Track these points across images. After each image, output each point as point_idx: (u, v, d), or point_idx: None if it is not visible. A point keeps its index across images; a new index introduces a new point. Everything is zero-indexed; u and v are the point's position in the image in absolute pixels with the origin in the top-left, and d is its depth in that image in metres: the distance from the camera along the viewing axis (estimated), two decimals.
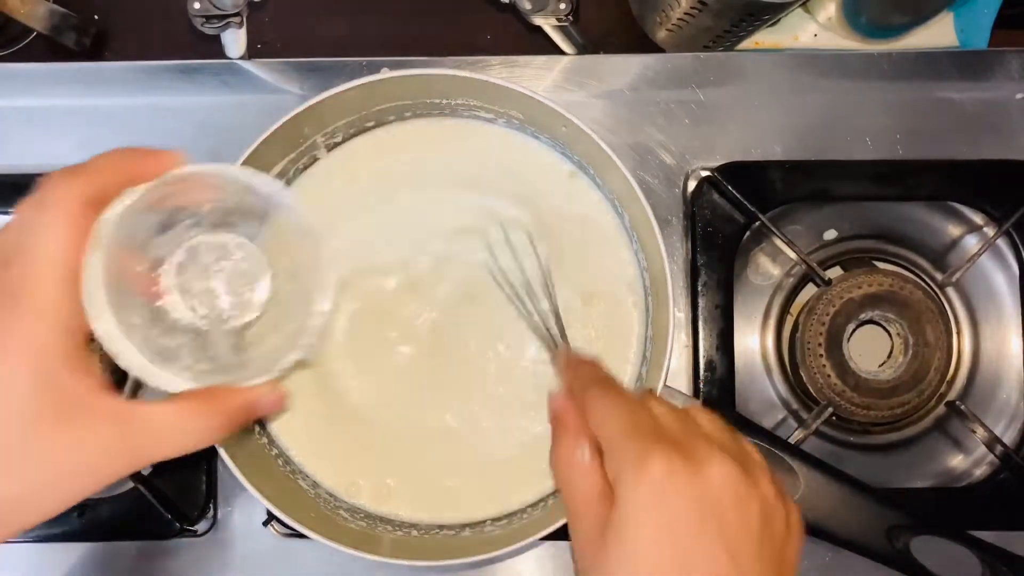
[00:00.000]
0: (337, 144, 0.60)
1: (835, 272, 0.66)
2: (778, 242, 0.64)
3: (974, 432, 0.63)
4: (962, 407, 0.63)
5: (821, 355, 0.62)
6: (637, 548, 0.36)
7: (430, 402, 0.59)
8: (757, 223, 0.63)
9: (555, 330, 0.55)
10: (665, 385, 0.53)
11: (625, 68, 0.66)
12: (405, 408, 0.59)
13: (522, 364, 0.59)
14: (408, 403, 0.59)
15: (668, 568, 0.36)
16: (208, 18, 0.59)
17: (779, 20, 0.69)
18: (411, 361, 0.59)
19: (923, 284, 0.64)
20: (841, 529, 0.52)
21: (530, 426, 0.59)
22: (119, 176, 0.40)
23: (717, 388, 0.62)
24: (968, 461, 0.66)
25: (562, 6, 0.59)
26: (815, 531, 0.53)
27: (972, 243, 0.66)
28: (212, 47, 0.65)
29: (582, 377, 0.44)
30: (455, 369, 0.59)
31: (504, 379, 0.59)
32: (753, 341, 0.66)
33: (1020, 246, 0.65)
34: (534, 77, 0.66)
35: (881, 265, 0.66)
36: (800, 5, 0.66)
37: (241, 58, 0.65)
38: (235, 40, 0.64)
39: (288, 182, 0.60)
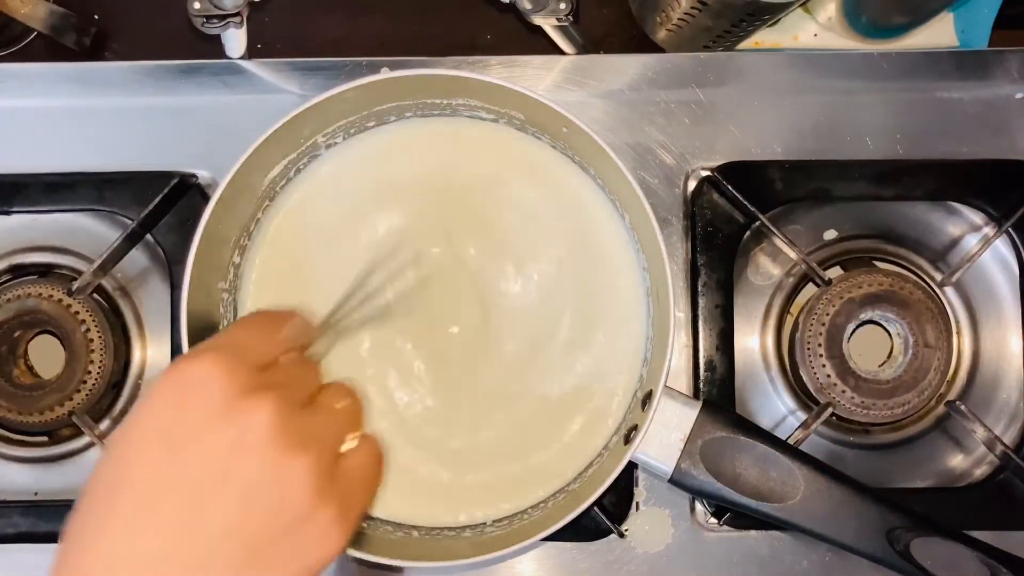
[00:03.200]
0: (337, 144, 0.60)
1: (835, 272, 0.66)
2: (778, 242, 0.64)
3: (974, 432, 0.63)
4: (962, 407, 0.63)
5: (821, 355, 0.62)
6: (129, 420, 0.36)
7: (431, 405, 0.59)
8: (757, 223, 0.63)
9: None
10: (665, 385, 0.53)
11: (625, 68, 0.66)
12: (406, 410, 0.59)
13: (521, 368, 0.59)
14: (409, 406, 0.59)
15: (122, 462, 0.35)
16: (208, 18, 0.59)
17: (779, 20, 0.69)
18: (411, 364, 0.59)
19: (923, 284, 0.64)
20: (841, 533, 0.52)
21: (530, 428, 0.59)
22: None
23: (717, 388, 0.62)
24: (968, 461, 0.66)
25: (562, 6, 0.59)
26: (814, 534, 0.53)
27: (972, 243, 0.66)
28: (212, 47, 0.65)
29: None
30: (455, 373, 0.59)
31: (503, 383, 0.60)
32: (753, 341, 0.66)
33: (1020, 246, 0.65)
34: (534, 77, 0.66)
35: (881, 265, 0.66)
36: (800, 5, 0.66)
37: (241, 58, 0.65)
38: (235, 40, 0.64)
39: (288, 182, 0.60)
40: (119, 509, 0.34)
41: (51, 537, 0.61)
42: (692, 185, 0.65)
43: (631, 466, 0.55)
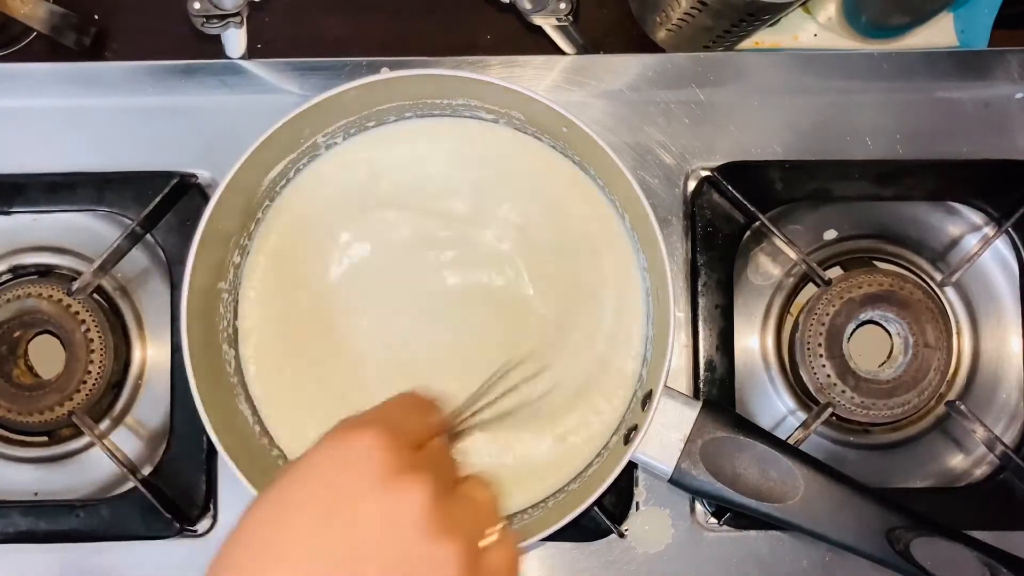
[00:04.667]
0: (337, 144, 0.60)
1: (835, 272, 0.66)
2: (778, 242, 0.64)
3: (974, 432, 0.63)
4: (962, 407, 0.63)
5: (821, 355, 0.62)
6: (272, 489, 0.36)
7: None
8: (757, 223, 0.63)
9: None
10: (665, 385, 0.53)
11: (625, 68, 0.66)
12: None
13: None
14: None
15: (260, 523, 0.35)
16: (208, 18, 0.59)
17: (779, 20, 0.69)
18: (410, 364, 0.59)
19: (923, 284, 0.64)
20: (841, 533, 0.52)
21: (529, 428, 0.59)
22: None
23: (717, 388, 0.62)
24: (968, 461, 0.66)
25: (562, 6, 0.59)
26: (814, 534, 0.53)
27: (972, 243, 0.66)
28: (212, 47, 0.65)
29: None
30: (452, 373, 0.59)
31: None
32: (753, 341, 0.66)
33: (1020, 246, 0.65)
34: (534, 77, 0.66)
35: (881, 265, 0.66)
36: (800, 5, 0.66)
37: (241, 58, 0.65)
38: (235, 40, 0.64)
39: (288, 182, 0.60)
40: (269, 570, 0.34)
41: (51, 537, 0.61)
42: (692, 185, 0.65)
43: (631, 466, 0.55)
